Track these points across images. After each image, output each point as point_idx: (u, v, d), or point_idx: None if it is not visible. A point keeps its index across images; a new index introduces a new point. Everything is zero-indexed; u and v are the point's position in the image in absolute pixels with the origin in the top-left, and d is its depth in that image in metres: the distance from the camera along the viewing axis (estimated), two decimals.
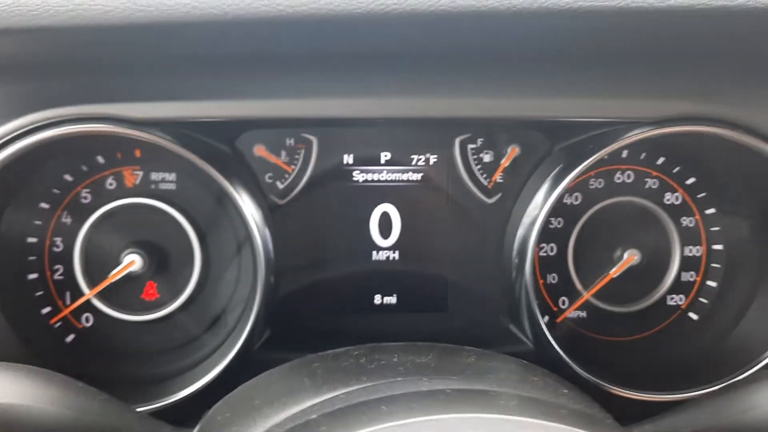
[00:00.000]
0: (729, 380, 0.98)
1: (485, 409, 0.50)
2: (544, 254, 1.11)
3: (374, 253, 1.11)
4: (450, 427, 0.48)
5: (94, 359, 1.06)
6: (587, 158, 0.95)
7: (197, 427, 0.75)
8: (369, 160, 1.09)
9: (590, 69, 0.97)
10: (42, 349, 1.03)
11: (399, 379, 0.66)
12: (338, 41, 0.87)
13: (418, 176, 1.10)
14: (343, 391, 0.64)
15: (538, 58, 0.96)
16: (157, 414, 0.89)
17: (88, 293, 1.04)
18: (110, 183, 1.06)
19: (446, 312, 1.13)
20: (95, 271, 1.05)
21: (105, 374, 1.01)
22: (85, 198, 1.06)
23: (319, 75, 0.96)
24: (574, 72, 0.97)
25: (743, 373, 0.99)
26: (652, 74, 0.97)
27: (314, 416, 0.57)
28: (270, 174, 1.08)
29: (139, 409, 0.88)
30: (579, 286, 1.11)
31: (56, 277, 1.06)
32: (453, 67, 0.97)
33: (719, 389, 0.77)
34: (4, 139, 0.91)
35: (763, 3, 0.80)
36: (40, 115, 0.91)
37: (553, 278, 1.12)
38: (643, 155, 1.10)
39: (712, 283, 1.13)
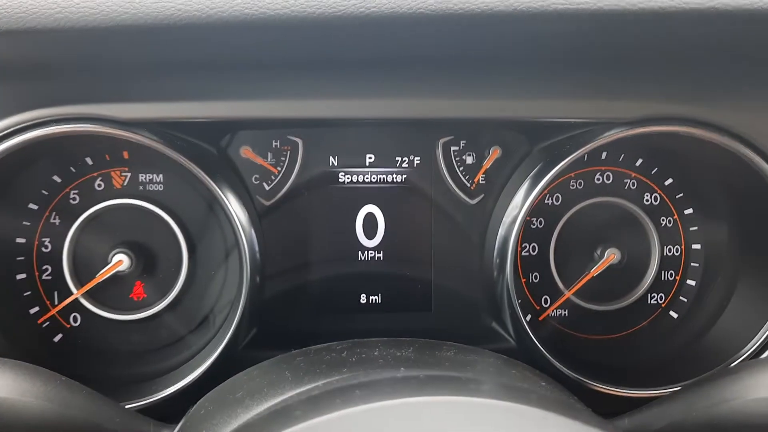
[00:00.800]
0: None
1: (456, 393, 0.51)
2: (526, 254, 1.13)
3: (359, 253, 1.13)
4: (420, 409, 0.49)
5: (81, 358, 1.07)
6: (565, 158, 0.97)
7: (182, 422, 0.76)
8: (354, 162, 1.11)
9: (569, 71, 0.99)
10: (30, 348, 1.04)
11: (378, 370, 0.68)
12: (321, 44, 0.89)
13: (402, 178, 1.12)
14: (323, 381, 0.65)
15: (518, 61, 0.98)
16: (143, 411, 0.89)
17: (76, 293, 1.05)
18: (98, 184, 1.07)
19: (430, 311, 1.14)
20: (83, 271, 1.06)
21: (92, 373, 1.02)
22: (74, 199, 1.07)
23: (304, 77, 0.97)
24: (553, 74, 0.99)
25: None
26: (629, 76, 0.99)
27: (290, 402, 0.58)
28: (256, 175, 1.09)
29: (125, 407, 0.89)
30: (560, 284, 1.13)
31: (44, 277, 1.07)
32: (435, 70, 0.98)
33: (693, 383, 0.78)
34: None
35: (734, 6, 0.82)
36: (26, 116, 0.92)
37: (534, 277, 1.13)
38: (621, 156, 1.12)
39: (691, 282, 1.15)
